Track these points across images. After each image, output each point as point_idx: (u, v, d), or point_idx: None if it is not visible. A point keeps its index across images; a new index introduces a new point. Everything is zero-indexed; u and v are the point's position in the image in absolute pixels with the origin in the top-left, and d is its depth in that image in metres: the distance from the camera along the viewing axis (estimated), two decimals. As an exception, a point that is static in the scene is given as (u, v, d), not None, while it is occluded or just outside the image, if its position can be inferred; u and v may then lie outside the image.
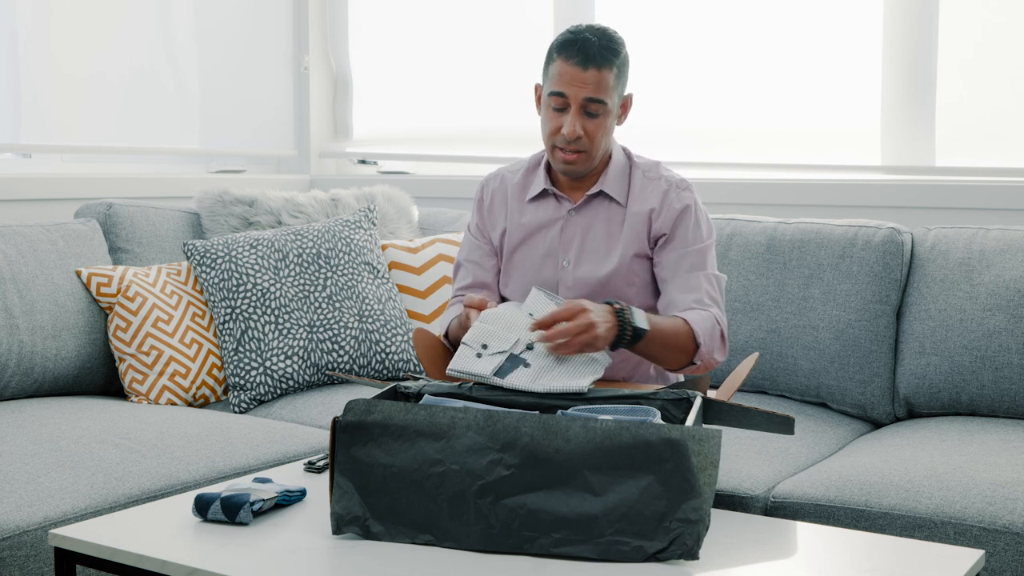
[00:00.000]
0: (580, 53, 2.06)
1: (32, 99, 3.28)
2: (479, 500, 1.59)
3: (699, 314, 2.11)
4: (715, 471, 1.58)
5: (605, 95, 2.08)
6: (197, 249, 2.82)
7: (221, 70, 3.82)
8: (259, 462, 2.25)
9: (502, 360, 1.85)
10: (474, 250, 2.33)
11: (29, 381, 2.63)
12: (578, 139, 2.10)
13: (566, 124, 2.09)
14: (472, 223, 2.36)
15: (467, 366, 1.84)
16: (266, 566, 1.55)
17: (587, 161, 2.15)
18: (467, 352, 1.87)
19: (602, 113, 2.10)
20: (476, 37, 3.78)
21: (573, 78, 2.07)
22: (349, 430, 1.65)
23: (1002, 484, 1.96)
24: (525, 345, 1.88)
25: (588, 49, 2.06)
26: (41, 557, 1.87)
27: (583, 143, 2.11)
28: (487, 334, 1.89)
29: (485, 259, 2.31)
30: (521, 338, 1.88)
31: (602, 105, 2.09)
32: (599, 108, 2.09)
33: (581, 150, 2.12)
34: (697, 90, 3.36)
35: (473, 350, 1.86)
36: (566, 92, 2.08)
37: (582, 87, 2.07)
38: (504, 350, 1.86)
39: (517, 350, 1.87)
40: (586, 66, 2.06)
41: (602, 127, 2.11)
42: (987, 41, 2.96)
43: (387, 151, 4.03)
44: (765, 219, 2.78)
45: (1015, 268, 2.48)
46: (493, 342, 1.87)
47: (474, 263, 2.32)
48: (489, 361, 1.84)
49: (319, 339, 2.77)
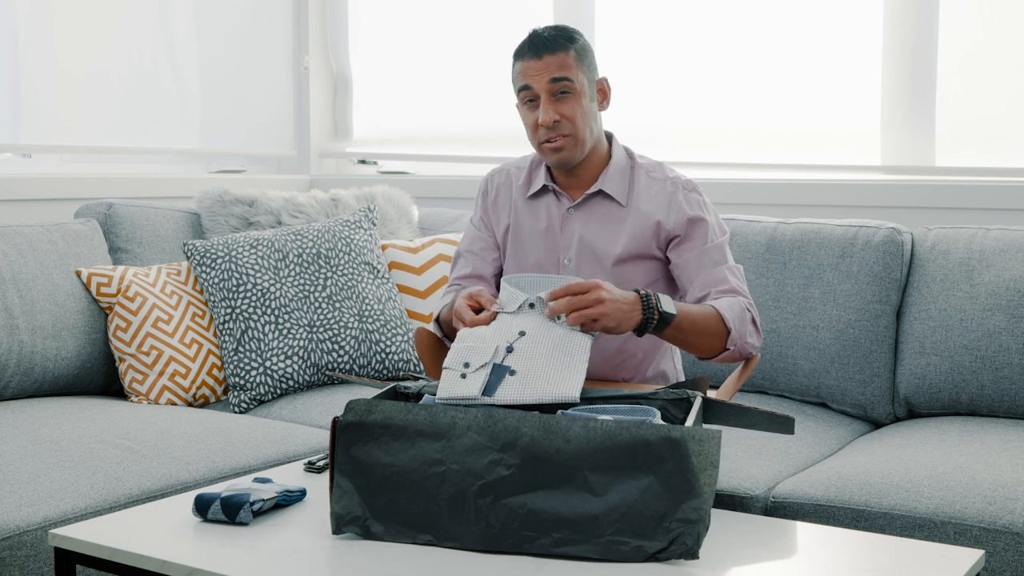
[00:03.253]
0: (532, 47, 2.12)
1: (32, 99, 3.28)
2: (479, 500, 1.59)
3: (727, 300, 2.08)
4: (715, 471, 1.58)
5: (567, 72, 2.10)
6: (197, 249, 2.82)
7: (221, 70, 3.82)
8: (259, 462, 2.25)
9: (487, 375, 1.79)
10: (476, 241, 2.33)
11: (29, 381, 2.63)
12: (556, 123, 2.11)
13: (540, 113, 2.11)
14: (475, 215, 2.35)
15: (454, 391, 1.77)
16: (266, 566, 1.55)
17: (575, 146, 2.14)
18: (451, 376, 1.80)
19: (571, 91, 2.11)
20: (476, 37, 3.78)
21: (531, 69, 2.11)
22: (349, 430, 1.65)
23: (1002, 484, 1.96)
24: (505, 349, 1.83)
25: (537, 41, 2.12)
26: (41, 557, 1.88)
27: (564, 126, 2.11)
28: (466, 352, 1.83)
29: (486, 251, 2.31)
30: (499, 344, 1.84)
31: (567, 82, 2.10)
32: (566, 86, 2.10)
33: (564, 134, 2.12)
34: (697, 90, 3.36)
35: (456, 372, 1.80)
36: (530, 83, 2.11)
37: (542, 72, 2.10)
38: (486, 362, 1.80)
39: (499, 358, 1.81)
40: (540, 55, 2.10)
41: (577, 107, 2.11)
42: (987, 41, 2.96)
43: (387, 151, 4.03)
44: (765, 219, 2.78)
45: (1015, 268, 2.48)
46: (473, 357, 1.81)
47: (474, 254, 2.32)
48: (474, 379, 1.78)
49: (319, 339, 2.77)
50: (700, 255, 2.16)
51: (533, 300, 1.88)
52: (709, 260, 2.15)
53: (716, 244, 2.17)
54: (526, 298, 1.89)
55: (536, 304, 1.88)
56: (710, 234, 2.17)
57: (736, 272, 2.17)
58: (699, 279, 2.15)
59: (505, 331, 1.86)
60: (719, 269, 2.15)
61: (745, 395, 2.68)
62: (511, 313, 1.89)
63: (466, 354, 1.82)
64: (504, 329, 1.87)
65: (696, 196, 2.20)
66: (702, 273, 2.15)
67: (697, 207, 2.18)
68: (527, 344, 1.83)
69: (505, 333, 1.86)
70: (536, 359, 1.81)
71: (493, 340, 1.85)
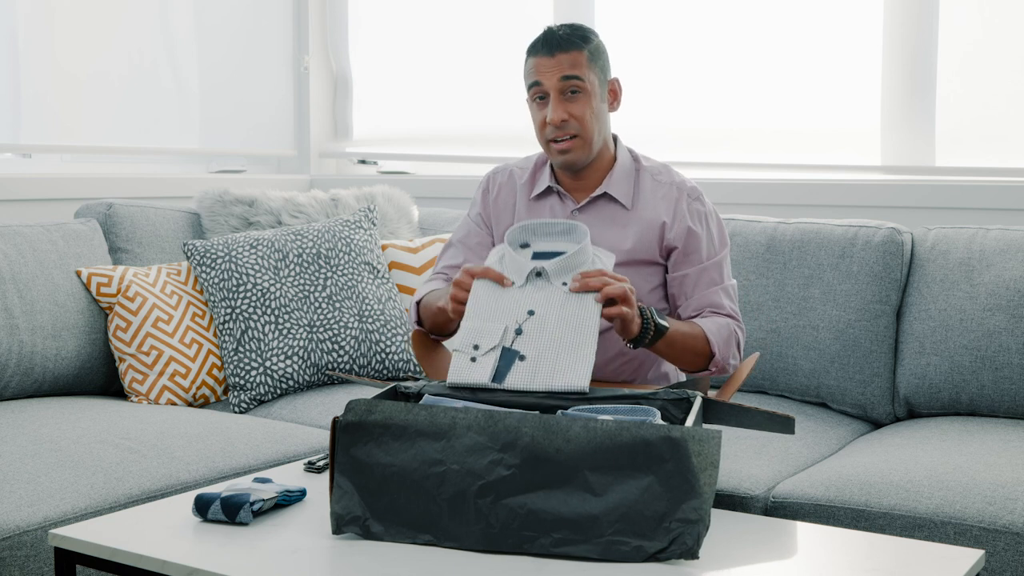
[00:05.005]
0: (546, 44, 2.11)
1: (32, 99, 3.28)
2: (479, 500, 1.59)
3: (717, 322, 2.13)
4: (715, 471, 1.58)
5: (579, 71, 2.10)
6: (197, 249, 2.82)
7: (221, 70, 3.82)
8: (259, 462, 2.25)
9: (496, 358, 1.81)
10: (471, 235, 2.32)
11: (29, 381, 2.63)
12: (565, 123, 2.10)
13: (549, 111, 2.10)
14: (474, 211, 2.34)
15: (464, 376, 1.81)
16: (266, 566, 1.55)
17: (583, 147, 2.13)
18: (461, 359, 1.83)
19: (581, 91, 2.10)
20: (476, 37, 3.78)
21: (543, 66, 2.11)
22: (349, 430, 1.65)
23: (1002, 484, 1.96)
24: (514, 331, 1.84)
25: (551, 38, 2.11)
26: (41, 557, 1.87)
27: (572, 126, 2.11)
28: (475, 333, 1.85)
29: (480, 247, 2.31)
30: (508, 325, 1.85)
31: (578, 81, 2.09)
32: (577, 84, 2.10)
33: (573, 134, 2.11)
34: (698, 90, 3.36)
35: (466, 355, 1.83)
36: (541, 80, 2.11)
37: (554, 70, 2.10)
38: (495, 345, 1.82)
39: (508, 341, 1.83)
40: (553, 53, 2.10)
41: (587, 107, 2.11)
42: (987, 41, 2.96)
43: (387, 151, 4.03)
44: (765, 219, 2.78)
45: (1015, 268, 2.48)
46: (483, 339, 1.83)
47: (468, 247, 2.30)
48: (484, 363, 1.81)
49: (319, 339, 2.77)
50: (698, 273, 2.17)
51: (540, 269, 1.89)
52: (707, 279, 2.18)
53: (714, 262, 2.18)
54: (533, 267, 1.90)
55: (543, 273, 1.89)
56: (707, 250, 2.18)
57: (731, 292, 2.20)
58: (695, 298, 2.18)
59: (513, 309, 1.87)
60: (714, 291, 2.17)
61: (745, 395, 2.68)
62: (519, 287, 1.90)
63: (475, 336, 1.84)
64: (512, 306, 1.87)
65: (699, 206, 2.20)
66: (698, 292, 2.17)
67: (698, 218, 2.18)
68: (536, 325, 1.84)
69: (514, 311, 1.87)
70: (545, 341, 1.82)
71: (501, 319, 1.86)
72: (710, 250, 2.18)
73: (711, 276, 2.18)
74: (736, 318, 2.19)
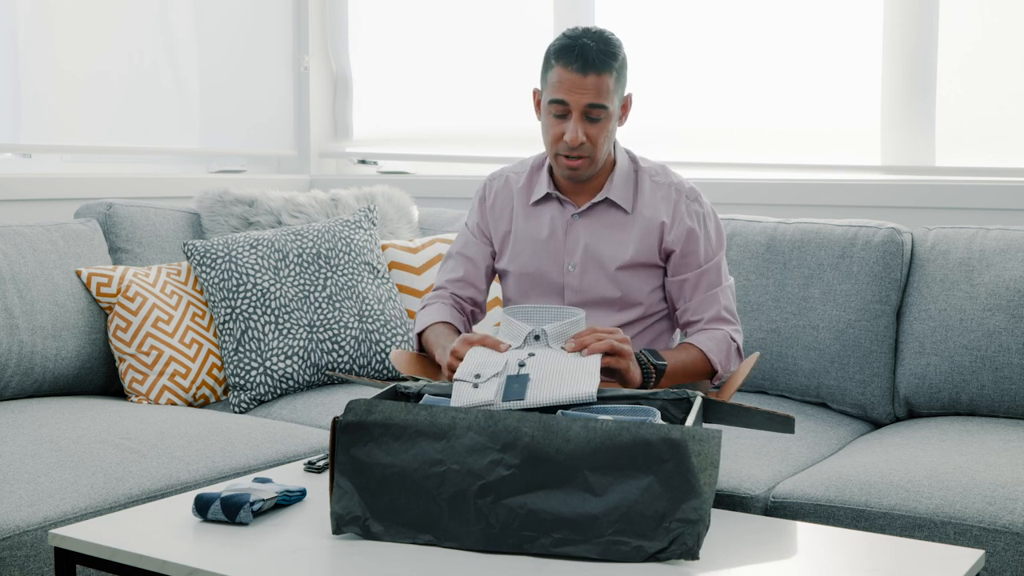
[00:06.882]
0: (579, 59, 2.04)
1: (32, 99, 3.28)
2: (479, 500, 1.59)
3: (713, 338, 2.14)
4: (715, 471, 1.58)
5: (606, 99, 2.06)
6: (197, 249, 2.82)
7: (221, 70, 3.82)
8: (259, 462, 2.25)
9: (500, 383, 1.77)
10: (470, 245, 2.32)
11: (29, 381, 2.63)
12: (581, 145, 2.08)
13: (568, 131, 2.07)
14: (471, 220, 2.34)
15: (468, 399, 1.75)
16: (266, 566, 1.55)
17: (591, 166, 2.13)
18: (463, 387, 1.78)
19: (603, 118, 2.08)
20: (476, 37, 3.78)
21: (573, 85, 2.05)
22: (349, 430, 1.65)
23: (1002, 484, 1.96)
24: (517, 364, 1.81)
25: (587, 55, 2.04)
26: (41, 557, 1.88)
27: (586, 148, 2.09)
28: (477, 364, 1.82)
29: (479, 257, 2.30)
30: (510, 359, 1.82)
31: (603, 110, 2.07)
32: (600, 113, 2.07)
33: (584, 155, 2.10)
34: (697, 90, 3.36)
35: (468, 383, 1.78)
36: (567, 99, 2.06)
37: (583, 94, 2.05)
38: (498, 372, 1.79)
39: (512, 370, 1.80)
40: (585, 72, 2.04)
41: (604, 131, 2.10)
42: (987, 41, 2.96)
43: (387, 151, 4.03)
44: (765, 219, 2.78)
45: (1015, 268, 2.48)
46: (484, 370, 1.80)
47: (467, 258, 2.31)
48: (488, 387, 1.76)
49: (319, 339, 2.77)
50: (697, 276, 2.18)
51: (538, 332, 1.88)
52: (705, 283, 2.19)
53: (713, 264, 2.19)
54: (531, 330, 1.89)
55: (541, 336, 1.88)
56: (704, 252, 2.18)
57: (729, 294, 2.21)
58: (693, 302, 2.19)
59: (513, 356, 1.85)
60: (713, 294, 2.18)
61: (745, 395, 2.68)
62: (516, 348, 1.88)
63: (477, 367, 1.81)
64: (511, 355, 1.85)
65: (697, 207, 2.20)
66: (696, 296, 2.18)
67: (697, 220, 2.19)
68: (537, 361, 1.83)
69: (515, 355, 1.85)
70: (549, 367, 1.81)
71: (503, 358, 1.84)
72: (708, 252, 2.19)
73: (710, 279, 2.18)
74: (733, 320, 2.19)
